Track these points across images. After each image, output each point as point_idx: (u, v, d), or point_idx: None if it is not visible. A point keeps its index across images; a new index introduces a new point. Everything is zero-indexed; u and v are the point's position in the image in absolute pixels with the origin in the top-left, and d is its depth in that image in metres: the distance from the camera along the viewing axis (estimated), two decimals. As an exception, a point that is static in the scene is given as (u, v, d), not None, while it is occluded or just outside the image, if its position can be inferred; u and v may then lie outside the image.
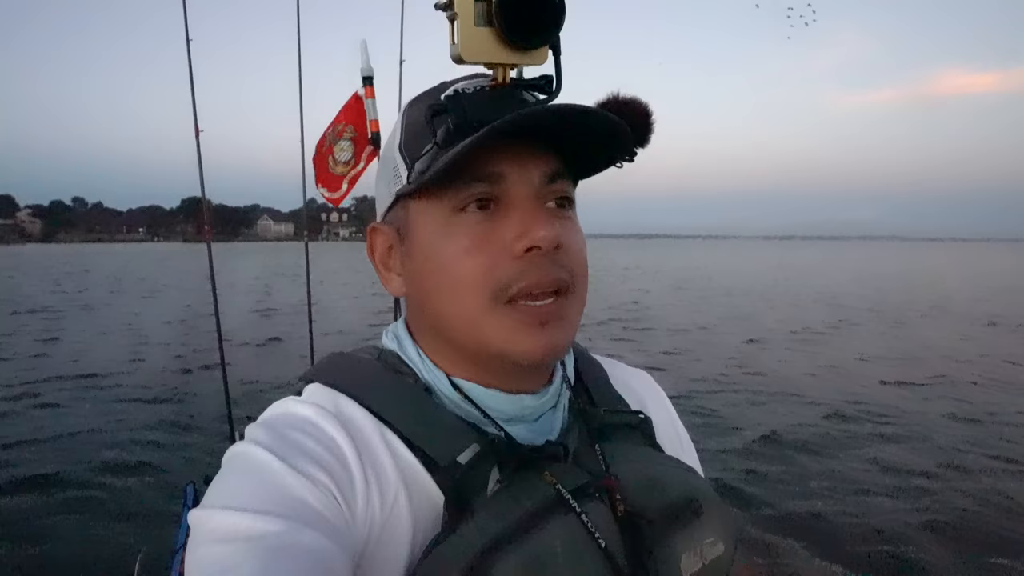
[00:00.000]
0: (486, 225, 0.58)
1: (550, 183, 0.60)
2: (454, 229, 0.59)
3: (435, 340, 0.64)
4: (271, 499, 0.50)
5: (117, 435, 5.97)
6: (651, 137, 0.64)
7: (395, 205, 0.64)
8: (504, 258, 0.57)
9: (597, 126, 0.57)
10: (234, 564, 0.46)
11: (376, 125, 2.22)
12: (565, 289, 0.60)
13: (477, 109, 0.56)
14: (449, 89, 0.61)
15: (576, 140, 0.59)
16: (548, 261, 0.58)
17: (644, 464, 0.64)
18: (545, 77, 0.60)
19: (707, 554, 0.62)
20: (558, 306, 0.59)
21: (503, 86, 0.58)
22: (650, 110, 0.64)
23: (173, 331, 12.26)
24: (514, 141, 0.57)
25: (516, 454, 0.58)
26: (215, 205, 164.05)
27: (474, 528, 0.53)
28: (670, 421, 0.80)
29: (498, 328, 0.58)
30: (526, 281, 0.57)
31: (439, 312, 0.61)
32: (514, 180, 0.58)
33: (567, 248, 0.60)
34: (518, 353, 0.58)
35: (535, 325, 0.58)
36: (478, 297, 0.58)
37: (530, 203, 0.58)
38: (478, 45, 0.55)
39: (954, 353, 10.05)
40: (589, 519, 0.56)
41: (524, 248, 0.57)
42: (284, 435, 0.56)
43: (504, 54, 0.56)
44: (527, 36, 0.55)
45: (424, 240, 0.61)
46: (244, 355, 9.42)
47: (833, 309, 16.18)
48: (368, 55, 2.09)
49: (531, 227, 0.57)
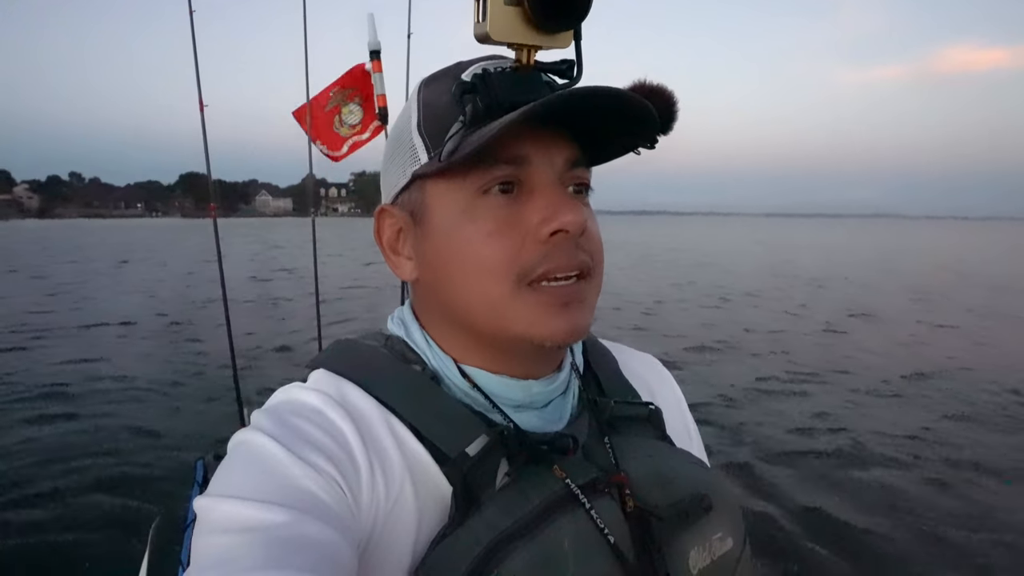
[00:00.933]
0: (511, 209, 0.58)
1: (571, 169, 0.60)
2: (477, 212, 0.58)
3: (445, 325, 0.64)
4: (276, 489, 0.50)
5: (129, 403, 6.07)
6: (674, 125, 0.63)
7: (409, 187, 0.62)
8: (529, 241, 0.57)
9: (627, 110, 0.56)
10: (238, 555, 0.46)
11: (383, 100, 2.18)
12: (587, 272, 0.60)
13: (506, 90, 0.55)
14: (469, 70, 0.60)
15: (598, 126, 0.59)
16: (572, 245, 0.58)
17: (654, 459, 0.64)
18: (567, 61, 0.58)
19: (716, 550, 0.62)
20: (580, 288, 0.59)
21: (528, 68, 0.57)
22: (675, 98, 0.63)
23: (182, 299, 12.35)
24: (539, 125, 0.57)
25: (525, 447, 0.58)
26: (213, 180, 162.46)
27: (482, 522, 0.53)
28: (679, 410, 0.80)
29: (522, 311, 0.58)
30: (551, 264, 0.57)
31: (457, 297, 0.60)
32: (538, 164, 0.58)
33: (590, 233, 0.60)
34: (543, 335, 0.58)
35: (559, 306, 0.58)
36: (503, 281, 0.57)
37: (554, 187, 0.58)
38: (507, 24, 0.54)
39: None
40: (598, 515, 0.56)
41: (550, 232, 0.57)
42: (289, 423, 0.56)
43: (531, 35, 0.55)
44: (558, 18, 0.54)
45: (444, 223, 0.60)
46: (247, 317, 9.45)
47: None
48: (375, 29, 2.06)
49: (558, 211, 0.57)
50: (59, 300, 13.12)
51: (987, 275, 19.83)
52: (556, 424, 0.65)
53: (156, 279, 17.27)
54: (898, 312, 12.02)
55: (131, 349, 8.52)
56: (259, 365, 7.17)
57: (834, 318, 11.19)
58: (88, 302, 12.95)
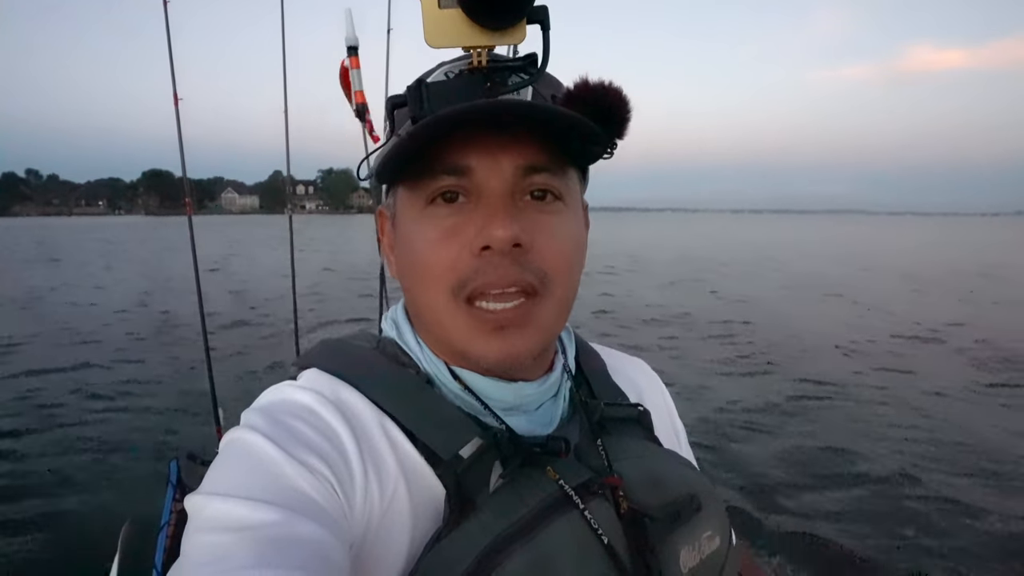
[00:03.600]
0: (456, 218, 0.57)
1: (528, 175, 0.57)
2: (425, 221, 0.58)
3: (422, 327, 0.65)
4: (268, 488, 0.50)
5: (99, 402, 5.98)
6: (628, 127, 0.59)
7: (389, 191, 0.64)
8: (465, 254, 0.56)
9: (555, 121, 0.54)
10: (229, 553, 0.46)
11: (361, 96, 2.17)
12: (532, 291, 0.57)
13: (438, 98, 0.54)
14: (435, 72, 0.59)
15: (552, 132, 0.57)
16: (508, 261, 0.56)
17: (646, 460, 0.64)
18: (530, 56, 0.56)
19: (704, 549, 0.63)
20: (522, 311, 0.57)
21: (480, 70, 0.55)
22: (626, 99, 0.58)
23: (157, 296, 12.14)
24: (485, 131, 0.55)
25: (519, 449, 0.57)
26: (177, 178, 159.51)
27: (478, 525, 0.53)
28: (667, 412, 0.81)
29: (459, 327, 0.58)
30: (481, 280, 0.56)
31: (415, 302, 0.62)
32: (484, 173, 0.56)
33: (537, 247, 0.57)
34: (475, 355, 0.58)
35: (490, 331, 0.57)
36: (441, 291, 0.58)
37: (497, 198, 0.56)
38: (445, 28, 0.51)
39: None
40: (592, 516, 0.56)
41: (480, 246, 0.55)
42: (283, 422, 0.56)
43: (475, 36, 0.52)
44: (493, 14, 0.51)
45: (404, 229, 0.61)
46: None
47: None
48: (353, 24, 2.04)
49: (488, 225, 0.55)
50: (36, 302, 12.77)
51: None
52: (547, 427, 0.65)
53: (136, 283, 16.86)
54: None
55: (96, 353, 8.32)
56: (229, 368, 7.04)
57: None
58: (45, 304, 12.61)
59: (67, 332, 9.41)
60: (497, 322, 0.57)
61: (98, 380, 6.88)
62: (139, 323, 10.18)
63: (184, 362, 7.44)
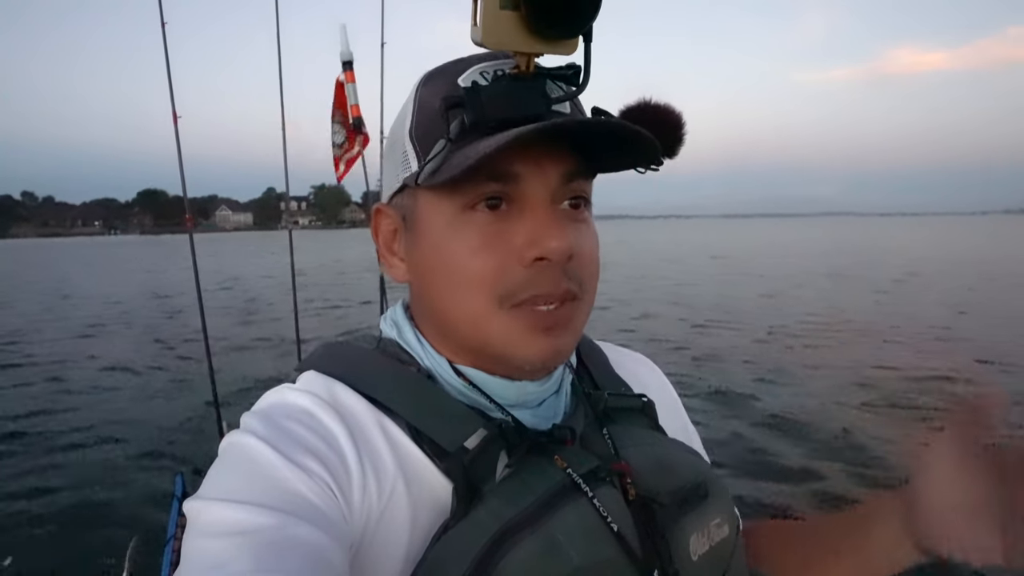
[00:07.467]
0: (498, 226, 0.56)
1: (568, 182, 0.57)
2: (464, 226, 0.56)
3: (436, 328, 0.63)
4: (266, 492, 0.50)
5: (108, 419, 5.99)
6: (680, 149, 0.61)
7: (402, 191, 0.62)
8: (513, 263, 0.56)
9: (626, 139, 0.55)
10: (228, 558, 0.46)
11: (357, 110, 2.18)
12: (572, 297, 0.58)
13: (496, 104, 0.52)
14: (469, 71, 0.57)
15: (596, 145, 0.57)
16: (558, 272, 0.56)
17: (652, 447, 0.64)
18: (573, 66, 0.55)
19: (714, 536, 0.62)
20: (565, 312, 0.58)
21: (528, 75, 0.54)
22: (682, 121, 0.61)
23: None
24: (537, 140, 0.54)
25: (524, 438, 0.57)
26: (171, 196, 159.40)
27: (488, 513, 0.53)
28: (673, 404, 0.80)
29: (502, 331, 0.57)
30: (534, 291, 0.56)
31: (442, 308, 0.60)
32: (530, 181, 0.55)
33: (579, 256, 0.58)
34: (520, 358, 0.58)
35: (540, 330, 0.57)
36: (484, 299, 0.56)
37: (543, 207, 0.56)
38: (502, 30, 0.50)
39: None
40: (601, 503, 0.55)
41: (534, 257, 0.55)
42: (280, 425, 0.55)
43: (530, 42, 0.50)
44: (557, 24, 0.50)
45: (432, 233, 0.59)
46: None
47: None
48: (347, 39, 2.05)
49: (543, 236, 0.55)
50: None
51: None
52: (551, 421, 0.64)
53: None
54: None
55: (96, 366, 8.32)
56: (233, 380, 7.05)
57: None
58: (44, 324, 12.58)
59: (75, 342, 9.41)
60: (547, 322, 0.57)
61: (101, 394, 6.87)
62: (143, 339, 10.18)
63: (189, 376, 7.47)
